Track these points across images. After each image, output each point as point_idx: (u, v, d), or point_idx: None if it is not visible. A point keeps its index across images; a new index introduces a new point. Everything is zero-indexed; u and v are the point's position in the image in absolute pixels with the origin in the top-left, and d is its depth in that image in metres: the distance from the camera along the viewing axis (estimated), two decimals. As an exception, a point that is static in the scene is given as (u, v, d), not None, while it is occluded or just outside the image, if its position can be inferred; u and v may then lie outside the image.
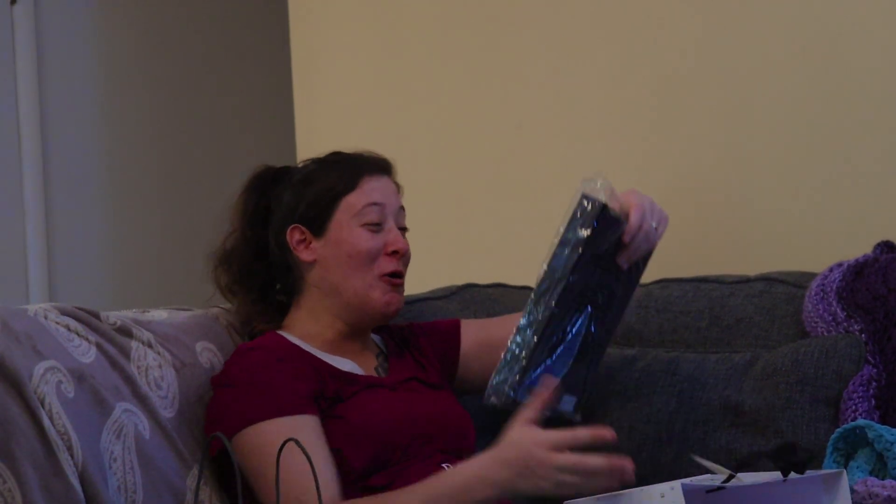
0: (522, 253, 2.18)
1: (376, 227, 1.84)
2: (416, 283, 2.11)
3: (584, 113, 2.40)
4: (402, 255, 1.86)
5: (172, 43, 3.36)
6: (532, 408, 1.62)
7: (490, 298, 2.19)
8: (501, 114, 2.49)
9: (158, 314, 1.92)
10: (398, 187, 1.90)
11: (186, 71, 3.38)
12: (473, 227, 2.48)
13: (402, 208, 1.88)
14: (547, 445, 1.59)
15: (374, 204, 1.84)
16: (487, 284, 2.25)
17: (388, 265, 1.85)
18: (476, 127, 2.53)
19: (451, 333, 1.94)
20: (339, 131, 2.63)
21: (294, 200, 1.87)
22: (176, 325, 1.89)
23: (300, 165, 1.93)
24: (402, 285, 1.86)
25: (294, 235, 1.87)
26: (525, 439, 1.61)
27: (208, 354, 1.90)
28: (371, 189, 1.85)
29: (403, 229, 1.88)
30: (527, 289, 2.01)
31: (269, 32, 3.31)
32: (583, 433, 1.61)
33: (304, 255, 1.87)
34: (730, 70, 2.25)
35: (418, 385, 1.88)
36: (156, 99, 3.36)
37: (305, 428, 1.72)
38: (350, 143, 1.93)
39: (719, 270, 2.16)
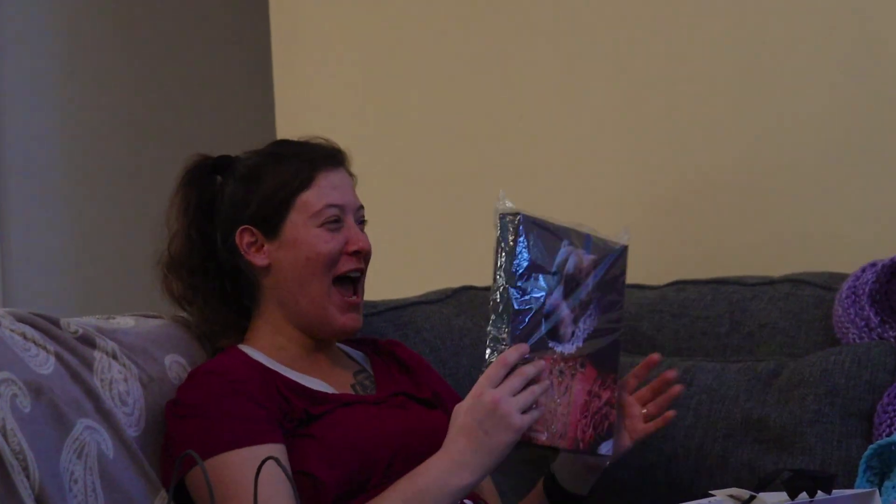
0: None
1: (335, 224, 1.83)
2: (408, 285, 2.14)
3: (590, 102, 2.40)
4: (364, 254, 1.85)
5: (140, 24, 3.35)
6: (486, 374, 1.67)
7: (488, 301, 2.07)
8: (502, 103, 2.49)
9: (125, 322, 1.91)
10: (353, 178, 1.89)
11: (155, 55, 3.36)
12: (470, 224, 2.42)
13: (361, 206, 1.87)
14: (482, 387, 1.65)
15: (333, 206, 1.83)
16: (486, 286, 1.96)
17: (347, 264, 1.84)
18: (474, 116, 2.53)
19: (446, 402, 1.91)
20: (325, 120, 2.63)
21: (242, 198, 1.85)
22: (144, 335, 1.89)
23: (243, 156, 1.90)
24: (360, 303, 1.85)
25: (244, 238, 1.85)
26: (464, 401, 1.67)
27: (177, 369, 1.89)
28: (329, 186, 1.84)
29: (362, 223, 1.88)
30: None
31: (247, 8, 3.30)
32: (512, 354, 1.65)
33: (257, 259, 1.84)
34: (751, 60, 2.26)
35: (407, 401, 1.87)
36: (121, 85, 3.34)
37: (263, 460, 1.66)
38: (336, 133, 1.93)
39: (740, 271, 2.17)
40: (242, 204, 1.84)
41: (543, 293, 1.70)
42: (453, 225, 2.57)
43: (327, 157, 1.86)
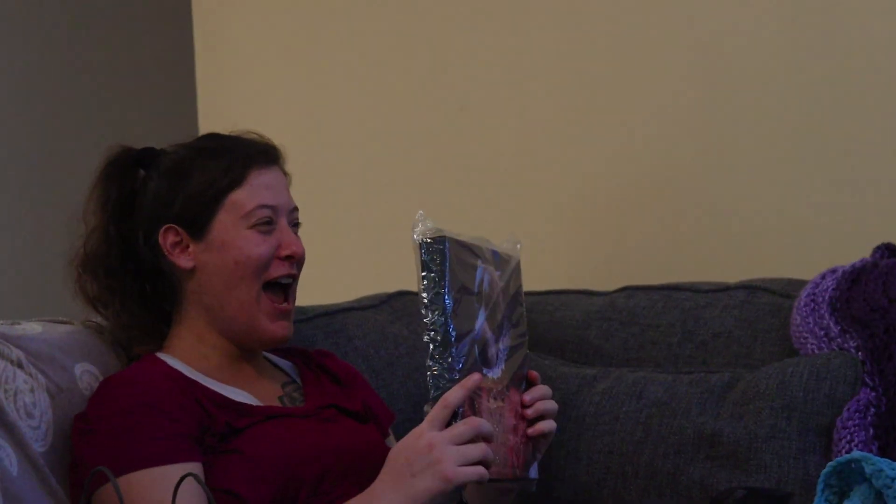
0: None
1: (267, 227, 1.81)
2: (340, 290, 2.14)
3: (535, 94, 2.42)
4: (297, 259, 1.83)
5: (50, 6, 3.30)
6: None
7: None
8: (440, 93, 2.50)
9: (31, 328, 1.89)
10: (287, 177, 1.88)
11: (65, 35, 3.31)
12: (407, 225, 2.45)
13: (295, 207, 1.86)
14: (423, 429, 1.62)
15: (266, 206, 1.80)
16: None
17: (279, 269, 1.81)
18: (411, 108, 2.55)
19: (382, 422, 1.91)
20: (250, 114, 2.62)
21: (167, 195, 1.82)
22: (52, 342, 1.86)
23: (169, 149, 1.87)
24: (291, 311, 1.83)
25: (168, 237, 1.83)
26: (403, 439, 1.64)
27: (89, 379, 1.85)
28: (261, 185, 1.81)
29: (296, 226, 1.86)
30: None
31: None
32: (455, 394, 1.63)
33: (181, 260, 1.82)
34: (709, 53, 2.28)
35: (337, 414, 1.85)
36: (33, 73, 3.27)
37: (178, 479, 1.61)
38: (262, 128, 1.91)
39: (693, 277, 2.17)
40: (167, 201, 1.82)
41: (474, 319, 1.70)
42: (388, 226, 2.58)
43: (261, 154, 1.83)
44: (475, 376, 1.65)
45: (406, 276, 2.10)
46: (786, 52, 2.23)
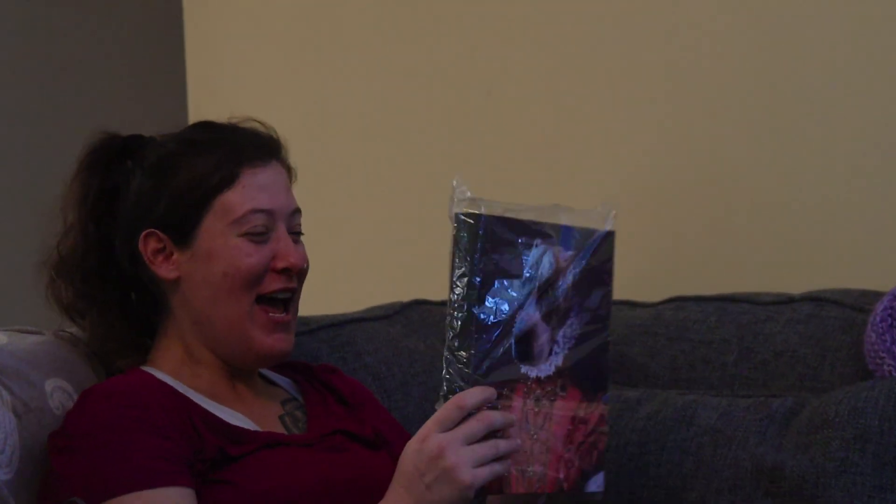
0: None
1: (261, 236, 1.76)
2: (348, 298, 2.09)
3: (570, 78, 2.40)
4: (297, 272, 1.78)
5: None
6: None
7: (445, 319, 2.13)
8: (466, 77, 2.48)
9: None
10: (290, 173, 1.82)
11: (46, 17, 3.32)
12: (423, 226, 2.44)
13: (297, 210, 1.80)
14: (429, 430, 1.59)
15: (260, 211, 1.75)
16: (442, 301, 2.14)
17: (274, 283, 1.76)
18: (431, 93, 2.52)
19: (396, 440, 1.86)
20: (248, 100, 2.59)
21: (150, 195, 1.77)
22: (19, 355, 1.81)
23: (158, 140, 1.82)
24: (290, 322, 1.78)
25: (149, 244, 1.77)
26: (410, 441, 1.61)
27: (61, 396, 1.80)
28: (255, 186, 1.76)
29: (297, 234, 1.81)
30: None
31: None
32: (473, 395, 1.59)
33: (163, 270, 1.77)
34: (774, 32, 2.24)
35: (344, 440, 1.80)
36: (9, 56, 3.28)
37: None
38: (264, 116, 1.85)
39: (752, 287, 2.12)
40: (149, 201, 1.77)
41: (511, 306, 1.64)
42: (403, 226, 2.56)
43: (256, 149, 1.78)
44: (490, 390, 1.60)
45: (423, 283, 2.17)
46: (858, 36, 2.19)
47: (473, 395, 1.58)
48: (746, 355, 2.00)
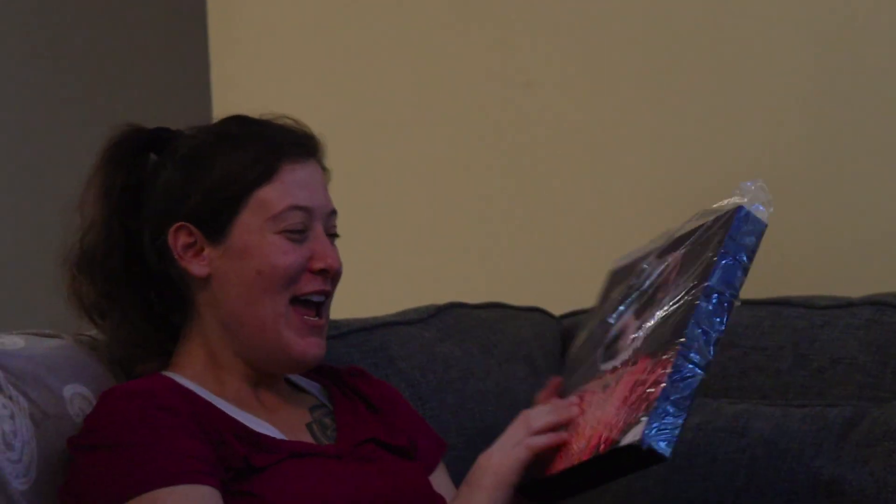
0: (529, 259, 2.24)
1: (299, 234, 1.75)
2: (380, 301, 2.08)
3: (613, 70, 2.39)
4: (333, 275, 1.77)
5: None
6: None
7: (483, 323, 2.14)
8: (502, 68, 2.46)
9: (12, 342, 1.82)
10: (326, 174, 1.82)
11: (67, 9, 3.32)
12: (459, 225, 2.49)
13: (334, 211, 1.80)
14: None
15: (299, 208, 1.74)
16: (480, 304, 2.19)
17: (311, 284, 1.74)
18: (466, 85, 2.51)
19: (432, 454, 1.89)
20: (273, 92, 2.62)
21: (181, 187, 1.76)
22: (37, 359, 1.79)
23: (187, 133, 1.81)
24: (323, 326, 1.77)
25: (179, 238, 1.75)
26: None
27: (80, 402, 1.78)
28: (294, 182, 1.75)
29: (333, 236, 1.80)
30: (536, 310, 2.08)
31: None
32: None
33: (193, 266, 1.75)
34: (837, 25, 2.23)
35: (377, 450, 1.78)
36: (20, 42, 3.27)
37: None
38: (288, 110, 1.84)
39: (808, 291, 2.11)
40: (181, 194, 1.75)
41: (604, 326, 1.72)
42: (436, 225, 2.56)
43: (296, 145, 1.77)
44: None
45: (458, 285, 2.28)
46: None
47: (554, 415, 1.69)
48: (802, 362, 1.99)
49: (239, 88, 2.70)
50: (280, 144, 1.76)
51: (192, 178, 1.75)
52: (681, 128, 2.34)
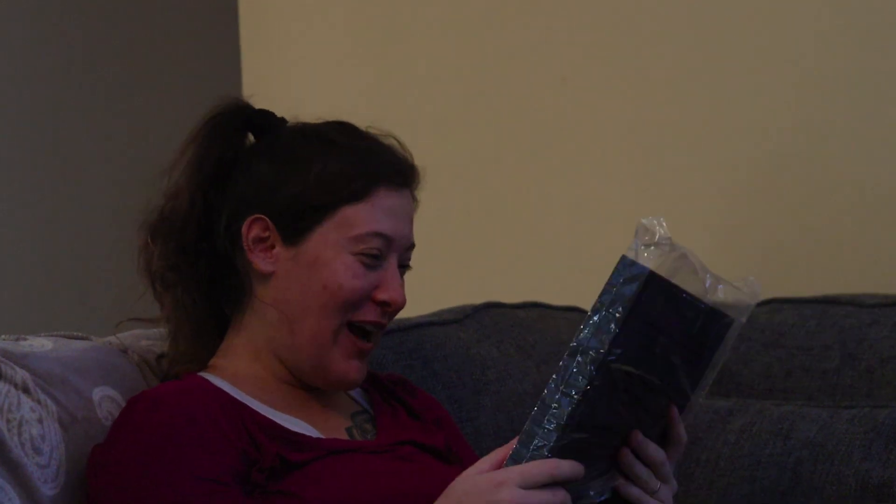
0: (566, 258, 2.25)
1: (374, 260, 1.73)
2: (415, 301, 2.03)
3: (651, 63, 2.39)
4: (393, 309, 1.76)
5: None
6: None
7: (521, 323, 2.14)
8: (539, 62, 2.47)
9: (40, 344, 1.81)
10: (415, 205, 1.82)
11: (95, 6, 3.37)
12: (498, 224, 2.49)
13: (412, 245, 1.79)
14: (506, 477, 1.53)
15: (381, 235, 1.73)
16: (517, 304, 2.18)
17: (369, 314, 1.73)
18: (503, 79, 2.51)
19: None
20: (304, 87, 2.62)
21: (270, 180, 1.74)
22: (65, 362, 1.78)
23: (291, 126, 1.79)
24: (369, 352, 1.77)
25: (253, 229, 1.73)
26: (471, 473, 1.56)
27: (110, 406, 1.78)
28: (384, 209, 1.73)
29: (405, 268, 1.79)
30: (575, 310, 2.08)
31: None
32: (568, 468, 1.54)
33: (259, 259, 1.73)
34: (876, 33, 2.22)
35: (415, 451, 1.76)
36: (45, 38, 3.27)
37: None
38: (321, 105, 1.80)
39: (855, 289, 2.11)
40: (269, 188, 1.74)
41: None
42: (472, 222, 2.57)
43: (396, 172, 1.76)
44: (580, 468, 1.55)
45: (495, 284, 2.29)
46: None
47: (570, 467, 1.53)
48: (849, 362, 1.98)
49: (270, 83, 2.70)
50: (380, 165, 1.75)
51: (283, 175, 1.74)
52: (721, 123, 2.34)
